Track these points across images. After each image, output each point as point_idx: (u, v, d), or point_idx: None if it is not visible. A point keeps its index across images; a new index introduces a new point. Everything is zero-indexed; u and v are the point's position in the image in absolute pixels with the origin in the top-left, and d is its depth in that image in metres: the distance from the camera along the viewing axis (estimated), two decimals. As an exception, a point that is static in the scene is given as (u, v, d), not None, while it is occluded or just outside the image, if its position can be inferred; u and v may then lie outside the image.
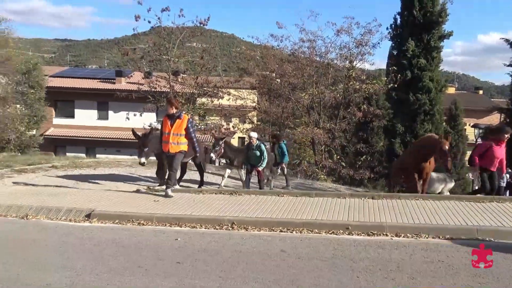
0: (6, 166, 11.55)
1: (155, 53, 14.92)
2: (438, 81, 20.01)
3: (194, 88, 15.39)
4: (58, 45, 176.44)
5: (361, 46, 16.51)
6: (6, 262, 4.73)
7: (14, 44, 21.48)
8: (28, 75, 24.01)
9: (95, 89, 30.02)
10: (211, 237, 5.77)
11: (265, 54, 19.73)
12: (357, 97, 17.31)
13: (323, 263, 4.82)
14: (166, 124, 7.91)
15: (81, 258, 4.89)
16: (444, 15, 19.72)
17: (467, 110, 31.45)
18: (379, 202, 7.60)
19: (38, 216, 6.76)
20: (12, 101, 19.33)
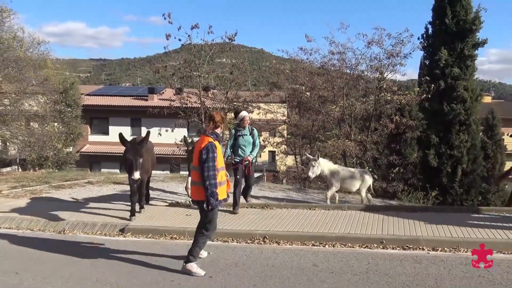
0: (44, 183, 11.94)
1: (185, 70, 15.17)
2: (473, 90, 19.45)
3: (224, 103, 15.54)
4: (93, 64, 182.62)
5: (392, 57, 16.27)
6: (44, 276, 4.85)
7: (52, 65, 22.35)
8: (65, 94, 24.91)
9: (128, 106, 30.81)
10: (243, 251, 5.75)
11: (295, 68, 19.74)
12: (388, 108, 17.02)
13: (356, 278, 4.72)
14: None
15: (116, 272, 4.96)
16: (478, 23, 19.24)
17: (505, 120, 30.38)
18: (414, 215, 7.39)
19: (75, 231, 6.93)
20: (50, 120, 20.00)
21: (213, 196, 4.71)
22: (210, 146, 4.77)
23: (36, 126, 19.12)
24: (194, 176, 4.99)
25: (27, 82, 17.10)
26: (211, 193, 4.71)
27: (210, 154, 4.73)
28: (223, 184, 4.94)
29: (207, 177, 4.70)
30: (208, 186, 4.70)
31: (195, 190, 4.95)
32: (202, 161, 4.76)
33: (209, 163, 4.73)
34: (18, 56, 16.59)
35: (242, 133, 7.75)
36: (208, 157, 4.74)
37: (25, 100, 17.84)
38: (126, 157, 6.63)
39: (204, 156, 4.75)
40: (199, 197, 4.88)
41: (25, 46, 17.54)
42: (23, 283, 4.62)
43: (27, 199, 9.40)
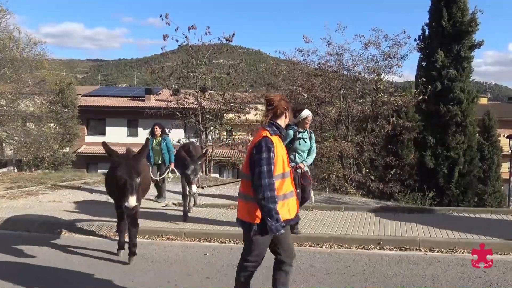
0: (40, 183, 11.89)
1: (182, 71, 15.18)
2: (469, 91, 19.52)
3: (221, 104, 15.54)
4: (90, 65, 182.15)
5: (389, 59, 16.34)
6: (38, 276, 4.83)
7: (48, 65, 22.31)
8: (62, 95, 24.83)
9: (125, 107, 30.76)
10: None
11: (292, 69, 19.75)
12: (385, 109, 17.06)
13: (353, 279, 4.72)
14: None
15: (112, 273, 4.94)
16: (474, 25, 19.31)
17: (501, 121, 30.49)
18: (411, 216, 7.41)
19: (71, 232, 6.89)
20: (47, 120, 19.96)
21: (271, 215, 3.19)
22: (264, 143, 3.27)
23: (32, 127, 19.06)
24: (243, 187, 3.50)
25: (23, 83, 17.05)
26: (267, 211, 3.20)
27: (264, 154, 3.23)
28: (288, 197, 3.41)
29: (259, 187, 3.20)
30: (262, 201, 3.19)
31: (243, 207, 3.47)
32: (252, 164, 3.30)
33: (261, 167, 3.22)
34: (14, 57, 16.53)
35: (302, 136, 6.25)
36: (261, 159, 3.23)
37: (21, 100, 17.78)
38: (117, 176, 4.71)
39: (256, 156, 3.27)
40: (249, 217, 3.37)
41: (21, 47, 17.47)
42: (17, 284, 4.59)
43: (23, 200, 9.36)
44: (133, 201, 4.56)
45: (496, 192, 22.88)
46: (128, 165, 4.75)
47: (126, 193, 4.59)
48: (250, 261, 3.62)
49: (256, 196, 3.24)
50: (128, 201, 4.54)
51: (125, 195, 4.59)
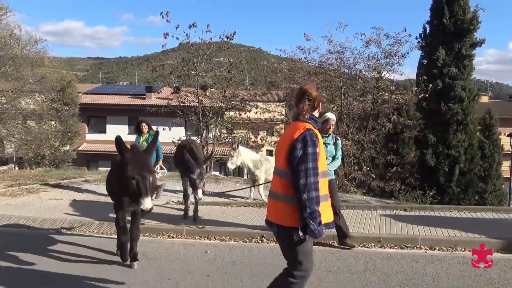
0: (41, 181, 11.90)
1: (183, 69, 15.15)
2: (470, 90, 19.48)
3: (222, 102, 15.52)
4: (90, 63, 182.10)
5: (390, 57, 16.30)
6: (40, 275, 4.83)
7: (49, 63, 22.27)
8: (63, 93, 24.85)
9: (126, 105, 30.73)
10: (241, 250, 5.75)
11: (293, 67, 19.72)
12: (386, 108, 17.04)
13: (354, 277, 4.72)
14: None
15: (113, 271, 4.94)
16: (476, 23, 19.26)
17: (502, 119, 30.47)
18: (412, 214, 7.41)
19: (72, 230, 6.90)
20: (48, 118, 19.96)
21: (315, 218, 2.88)
22: (309, 136, 2.95)
23: (33, 125, 19.05)
24: (276, 185, 3.14)
25: (24, 80, 17.04)
26: (311, 213, 2.86)
27: (310, 149, 2.91)
28: (328, 199, 3.16)
29: (304, 186, 2.87)
30: (307, 201, 2.86)
31: (276, 208, 3.10)
32: (295, 160, 2.94)
33: (307, 164, 2.90)
34: (15, 54, 16.52)
35: (325, 140, 5.73)
36: (307, 154, 2.91)
37: (22, 98, 17.77)
38: (128, 175, 4.18)
39: (300, 152, 2.93)
40: (285, 220, 3.02)
41: (22, 44, 17.45)
42: (20, 282, 4.60)
43: (23, 198, 9.37)
44: (149, 202, 4.11)
45: (496, 190, 22.88)
46: (140, 163, 4.28)
47: (141, 194, 4.10)
48: (298, 277, 3.13)
49: (298, 196, 2.89)
50: (144, 203, 4.08)
51: (140, 197, 4.11)
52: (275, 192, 3.14)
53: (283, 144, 3.12)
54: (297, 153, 2.95)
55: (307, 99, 3.12)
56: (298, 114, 3.14)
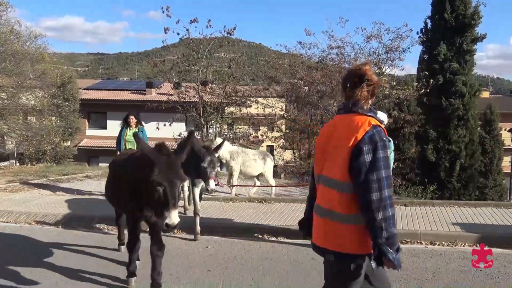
0: (42, 177, 11.92)
1: (183, 64, 15.10)
2: (471, 85, 19.44)
3: (223, 98, 15.50)
4: (91, 58, 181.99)
5: (391, 52, 16.27)
6: (41, 270, 4.85)
7: (49, 59, 22.23)
8: (63, 88, 24.81)
9: (126, 101, 30.69)
10: (241, 245, 5.76)
11: (293, 62, 19.71)
12: (387, 103, 17.02)
13: (355, 272, 4.73)
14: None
15: (115, 266, 4.96)
16: (477, 18, 19.19)
17: (503, 114, 30.44)
18: (412, 209, 7.42)
19: (73, 225, 6.91)
20: (48, 114, 19.96)
21: (393, 244, 2.22)
22: (378, 136, 2.26)
23: (33, 120, 19.07)
24: (332, 201, 2.36)
25: (24, 76, 17.03)
26: (388, 237, 2.21)
27: (381, 153, 2.23)
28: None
29: (378, 202, 2.20)
30: (383, 222, 2.20)
31: (333, 231, 2.35)
32: (361, 168, 2.23)
33: (379, 173, 2.22)
34: (15, 50, 16.49)
35: None
36: (378, 159, 2.22)
37: (22, 94, 17.78)
38: (153, 181, 3.38)
39: (368, 157, 2.22)
40: (350, 246, 2.31)
41: (22, 40, 17.42)
42: (21, 277, 4.61)
43: (25, 193, 9.39)
44: (177, 217, 3.30)
45: (497, 185, 22.90)
46: (170, 167, 3.44)
47: (168, 206, 3.30)
48: None
49: (368, 215, 2.20)
50: (171, 217, 3.27)
51: (166, 209, 3.31)
52: (330, 209, 2.35)
53: (339, 145, 2.32)
54: (365, 158, 2.22)
55: (365, 84, 2.37)
56: (352, 104, 2.38)
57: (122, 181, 4.21)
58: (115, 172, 4.66)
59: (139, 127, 8.71)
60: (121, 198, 4.31)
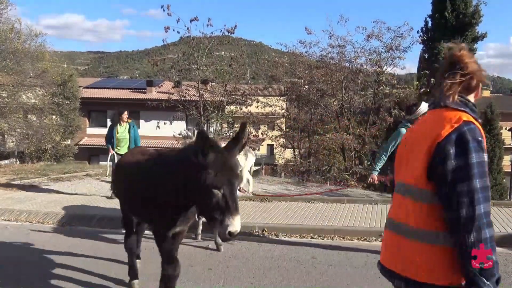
0: (43, 175, 11.93)
1: (184, 63, 15.11)
2: (472, 84, 19.46)
3: (223, 96, 15.51)
4: (91, 57, 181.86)
5: (392, 51, 16.29)
6: (43, 268, 4.85)
7: (50, 57, 22.22)
8: (63, 87, 24.81)
9: (127, 99, 30.70)
10: (242, 243, 5.77)
11: (294, 61, 19.73)
12: (387, 102, 17.04)
13: (355, 271, 4.74)
14: None
15: (116, 265, 4.96)
16: (478, 17, 19.21)
17: (504, 114, 30.39)
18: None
19: (73, 224, 6.92)
20: (48, 112, 19.94)
21: (491, 274, 1.77)
22: (470, 134, 1.73)
23: (34, 119, 19.06)
24: (406, 213, 1.85)
25: (25, 74, 17.02)
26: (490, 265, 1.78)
27: (474, 157, 1.69)
28: None
29: (469, 221, 1.69)
30: (478, 244, 1.75)
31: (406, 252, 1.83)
32: (447, 175, 1.70)
33: (472, 183, 1.67)
34: (16, 48, 16.49)
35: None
36: (469, 165, 1.68)
37: (23, 92, 17.76)
38: (208, 184, 2.84)
39: (456, 161, 1.69)
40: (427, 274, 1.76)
41: (22, 38, 17.42)
42: (22, 275, 4.62)
43: (25, 192, 9.39)
44: (239, 223, 2.85)
45: (497, 184, 22.88)
46: (227, 166, 2.93)
47: (229, 211, 2.82)
48: None
49: (457, 235, 1.71)
50: (233, 224, 2.79)
51: (227, 215, 2.81)
52: (403, 224, 1.83)
53: (418, 143, 1.82)
54: (451, 163, 1.68)
55: (458, 73, 1.88)
56: (440, 97, 1.90)
57: (150, 189, 3.43)
58: (135, 177, 3.75)
59: (130, 122, 8.57)
60: (151, 210, 3.53)
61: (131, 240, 4.39)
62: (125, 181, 3.98)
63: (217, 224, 2.86)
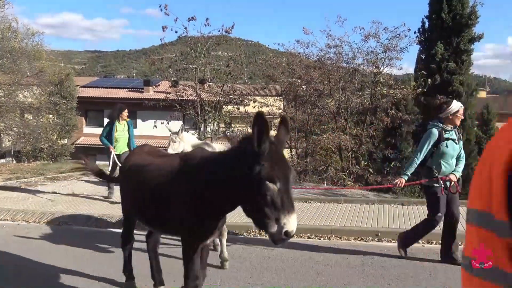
0: (39, 174, 11.89)
1: (181, 62, 15.12)
2: (468, 85, 19.51)
3: (220, 96, 15.51)
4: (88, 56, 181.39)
5: (389, 51, 16.30)
6: (40, 268, 4.85)
7: (47, 56, 22.20)
8: (60, 86, 24.77)
9: (124, 99, 30.64)
10: (239, 243, 5.77)
11: (291, 61, 19.72)
12: (384, 102, 17.05)
13: (352, 270, 4.75)
14: None
15: (112, 264, 4.96)
16: (474, 18, 19.25)
17: (500, 114, 30.58)
18: (409, 208, 7.45)
19: (70, 223, 6.91)
20: (45, 111, 19.91)
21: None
22: None
23: (30, 118, 19.02)
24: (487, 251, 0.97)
25: (21, 73, 17.00)
26: None
27: None
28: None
29: None
30: None
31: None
32: None
33: None
34: (13, 47, 16.47)
35: (450, 136, 4.77)
36: None
37: (19, 91, 17.74)
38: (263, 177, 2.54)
39: None
40: None
41: (19, 37, 17.40)
42: (19, 275, 4.61)
43: (22, 191, 9.36)
44: (296, 221, 2.60)
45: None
46: (281, 159, 2.68)
47: (285, 208, 2.54)
48: None
49: None
50: (290, 222, 2.53)
51: (283, 212, 2.53)
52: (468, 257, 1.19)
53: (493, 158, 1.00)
54: None
55: None
56: None
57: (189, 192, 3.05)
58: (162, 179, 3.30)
59: (128, 120, 8.27)
60: (186, 217, 3.12)
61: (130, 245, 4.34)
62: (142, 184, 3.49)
63: (271, 224, 2.54)
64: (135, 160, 3.89)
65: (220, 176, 2.83)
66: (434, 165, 4.79)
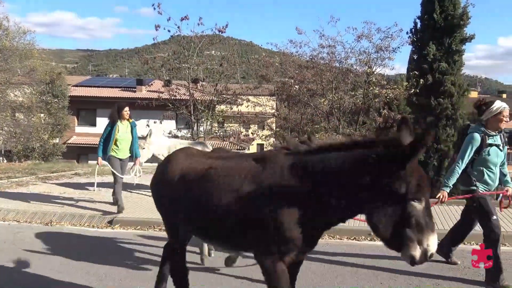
0: (30, 174, 11.81)
1: (174, 62, 15.07)
2: (460, 85, 19.68)
3: (213, 95, 15.49)
4: (80, 55, 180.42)
5: (381, 51, 16.35)
6: (32, 268, 4.81)
7: (38, 55, 22.03)
8: (52, 85, 24.61)
9: (116, 98, 30.48)
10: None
11: (284, 61, 19.73)
12: (377, 102, 17.12)
13: (345, 270, 4.77)
14: None
15: (104, 264, 4.93)
16: (466, 18, 19.40)
17: (491, 115, 30.84)
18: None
19: (62, 223, 6.87)
20: (37, 111, 19.79)
21: None
22: None
23: (22, 117, 18.88)
24: None
25: (13, 72, 16.88)
26: None
27: None
28: None
29: None
30: None
31: None
32: None
33: None
34: (4, 46, 16.33)
35: (494, 141, 4.27)
36: None
37: (10, 90, 17.60)
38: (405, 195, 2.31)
39: None
40: None
41: (10, 36, 17.24)
42: (12, 275, 4.57)
43: (13, 191, 9.29)
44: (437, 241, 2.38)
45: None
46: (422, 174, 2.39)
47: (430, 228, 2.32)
48: None
49: None
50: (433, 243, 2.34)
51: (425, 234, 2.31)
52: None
53: None
54: None
55: None
56: None
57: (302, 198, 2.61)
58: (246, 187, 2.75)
59: (131, 121, 7.50)
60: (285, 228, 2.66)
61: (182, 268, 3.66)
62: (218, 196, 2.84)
63: (412, 246, 2.30)
64: (190, 165, 3.15)
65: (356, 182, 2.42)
66: (475, 173, 4.32)
